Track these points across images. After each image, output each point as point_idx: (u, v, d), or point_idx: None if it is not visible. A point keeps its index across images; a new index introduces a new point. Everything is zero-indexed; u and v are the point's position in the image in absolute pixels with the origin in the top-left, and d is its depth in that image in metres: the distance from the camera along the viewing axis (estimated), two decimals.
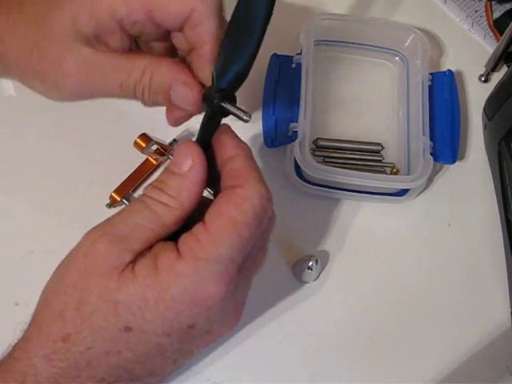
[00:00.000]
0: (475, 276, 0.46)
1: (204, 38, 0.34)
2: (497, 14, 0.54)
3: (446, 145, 0.47)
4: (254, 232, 0.30)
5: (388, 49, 0.52)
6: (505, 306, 0.45)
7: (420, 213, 0.47)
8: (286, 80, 0.48)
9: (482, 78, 0.52)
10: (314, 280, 0.44)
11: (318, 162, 0.44)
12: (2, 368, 0.30)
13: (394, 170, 0.47)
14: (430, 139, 0.46)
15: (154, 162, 0.46)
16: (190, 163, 0.31)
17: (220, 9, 0.34)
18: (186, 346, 0.32)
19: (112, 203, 0.44)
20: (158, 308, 0.29)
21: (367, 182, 0.44)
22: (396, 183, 0.45)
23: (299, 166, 0.44)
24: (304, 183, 0.46)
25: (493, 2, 0.54)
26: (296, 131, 0.44)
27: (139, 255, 0.30)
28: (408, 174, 0.46)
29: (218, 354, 0.41)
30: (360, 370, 0.42)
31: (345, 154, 0.47)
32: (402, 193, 0.46)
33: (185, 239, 0.30)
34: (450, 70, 0.50)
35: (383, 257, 0.46)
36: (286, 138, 0.45)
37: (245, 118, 0.31)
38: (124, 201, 0.45)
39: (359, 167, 0.47)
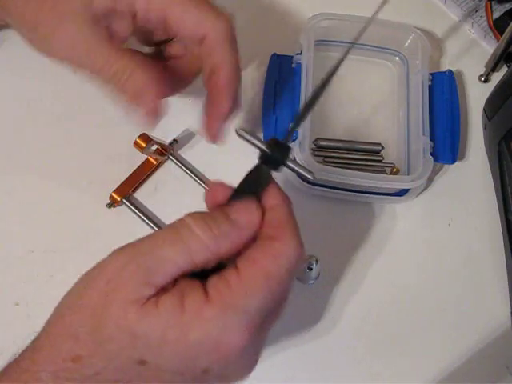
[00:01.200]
0: (475, 276, 0.46)
1: (218, 66, 0.37)
2: (497, 14, 0.54)
3: (445, 145, 0.47)
4: (284, 288, 0.30)
5: (388, 49, 0.52)
6: (505, 306, 0.45)
7: (420, 213, 0.47)
8: (285, 80, 0.48)
9: (482, 78, 0.52)
10: (314, 280, 0.44)
11: (317, 162, 0.44)
12: (8, 376, 0.30)
13: (394, 170, 0.47)
14: (430, 139, 0.46)
15: (154, 162, 0.46)
16: (249, 221, 0.31)
17: (233, 35, 0.37)
18: None
19: (112, 203, 0.44)
20: (177, 347, 0.28)
21: (367, 182, 0.44)
22: (396, 183, 0.45)
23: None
24: (304, 183, 0.46)
25: (493, 1, 0.54)
26: (296, 131, 0.44)
27: (161, 290, 0.29)
28: (408, 174, 0.46)
29: None
30: (360, 370, 0.42)
31: (345, 154, 0.47)
32: (402, 193, 0.46)
33: (215, 282, 0.29)
34: (450, 70, 0.50)
35: (383, 257, 0.46)
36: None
37: (310, 176, 0.34)
38: (124, 201, 0.45)
39: (359, 167, 0.47)
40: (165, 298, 0.29)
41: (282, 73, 0.48)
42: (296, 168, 0.34)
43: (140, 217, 0.44)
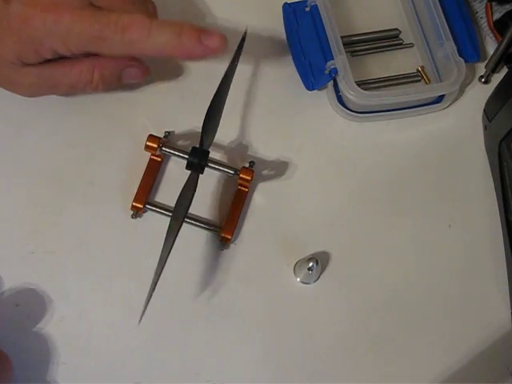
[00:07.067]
0: (475, 276, 0.46)
1: None
2: (497, 15, 0.54)
3: (466, 44, 0.48)
4: None
5: None
6: (505, 306, 0.45)
7: (420, 213, 0.47)
8: (305, 25, 0.48)
9: (483, 79, 0.52)
10: (315, 281, 0.44)
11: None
12: None
13: (425, 78, 0.49)
14: None
15: (159, 159, 0.45)
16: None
17: None
18: None
19: (136, 212, 0.44)
20: None
21: (409, 97, 0.46)
22: (436, 91, 0.47)
23: (342, 101, 0.47)
24: (351, 112, 0.47)
25: (493, 3, 0.54)
26: (334, 68, 0.45)
27: None
28: (441, 81, 0.48)
29: (218, 354, 0.42)
30: (360, 371, 0.42)
31: (367, 45, 0.50)
32: (439, 100, 0.48)
33: None
34: None
35: (383, 257, 0.46)
36: (324, 77, 0.46)
37: (232, 172, 0.44)
38: (148, 206, 0.44)
39: (393, 81, 0.49)
40: None
41: (298, 19, 0.48)
42: (217, 167, 0.43)
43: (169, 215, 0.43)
